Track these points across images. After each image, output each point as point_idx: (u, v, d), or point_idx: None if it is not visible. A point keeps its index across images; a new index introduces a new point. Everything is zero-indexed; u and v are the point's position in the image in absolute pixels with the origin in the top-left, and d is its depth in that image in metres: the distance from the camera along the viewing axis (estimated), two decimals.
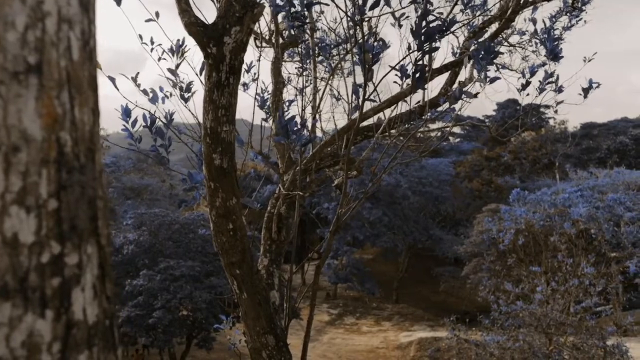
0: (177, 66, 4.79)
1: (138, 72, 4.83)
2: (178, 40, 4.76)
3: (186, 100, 4.73)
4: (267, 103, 5.05)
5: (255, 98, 5.04)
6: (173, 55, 4.79)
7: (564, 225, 27.24)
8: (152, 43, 4.91)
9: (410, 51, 3.75)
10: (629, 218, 31.13)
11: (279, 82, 5.57)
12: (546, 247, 24.07)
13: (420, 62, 3.76)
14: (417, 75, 3.77)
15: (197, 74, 4.57)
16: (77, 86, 0.80)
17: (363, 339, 32.58)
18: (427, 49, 3.71)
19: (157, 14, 4.65)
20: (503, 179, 48.59)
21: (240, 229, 3.63)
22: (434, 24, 3.74)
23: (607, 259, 27.06)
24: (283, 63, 5.83)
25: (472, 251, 35.54)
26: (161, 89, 4.75)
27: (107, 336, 0.85)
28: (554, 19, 6.12)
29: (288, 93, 6.00)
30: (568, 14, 6.12)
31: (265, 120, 5.22)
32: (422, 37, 3.63)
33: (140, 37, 4.87)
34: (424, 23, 3.62)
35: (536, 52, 6.60)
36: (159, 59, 4.92)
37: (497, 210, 34.91)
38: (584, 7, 6.09)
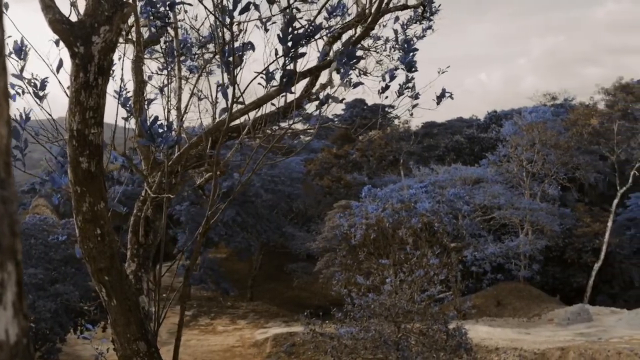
0: (22, 70, 4.46)
1: None
2: (16, 41, 4.41)
3: (41, 99, 4.44)
4: (130, 102, 4.87)
5: (119, 96, 4.84)
6: (19, 58, 4.43)
7: (412, 220, 28.85)
8: None
9: (278, 56, 3.83)
10: (466, 211, 33.79)
11: (141, 81, 5.40)
12: (394, 240, 25.31)
13: (288, 67, 3.86)
14: (285, 79, 3.87)
15: (53, 73, 4.32)
16: None
17: (219, 339, 32.36)
18: (293, 54, 3.82)
19: (6, 5, 4.31)
20: (352, 176, 50.42)
21: (108, 234, 3.50)
22: (300, 30, 3.87)
23: (448, 250, 29.09)
24: (145, 61, 5.66)
25: (325, 247, 36.58)
26: (12, 86, 4.42)
27: (26, 355, 0.82)
28: (405, 26, 6.51)
29: (151, 93, 5.83)
30: (418, 22, 6.55)
31: (126, 119, 5.01)
32: (289, 43, 3.73)
33: None
34: (290, 29, 3.72)
35: (390, 57, 6.95)
36: (9, 54, 4.55)
37: (348, 206, 36.21)
38: (432, 18, 6.55)
